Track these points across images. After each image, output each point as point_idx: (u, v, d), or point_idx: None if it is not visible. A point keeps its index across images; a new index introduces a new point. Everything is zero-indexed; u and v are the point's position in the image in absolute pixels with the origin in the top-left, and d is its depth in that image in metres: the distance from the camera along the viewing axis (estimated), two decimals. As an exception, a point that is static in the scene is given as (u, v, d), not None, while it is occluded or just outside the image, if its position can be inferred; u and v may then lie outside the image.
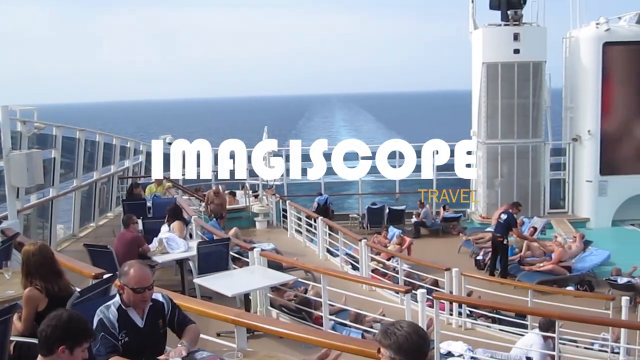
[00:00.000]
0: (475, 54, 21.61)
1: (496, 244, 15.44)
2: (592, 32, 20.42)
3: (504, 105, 20.74)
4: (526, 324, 10.34)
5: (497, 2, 21.07)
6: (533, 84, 20.69)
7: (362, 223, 20.91)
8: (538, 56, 20.76)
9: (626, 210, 20.78)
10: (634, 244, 19.09)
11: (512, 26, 20.64)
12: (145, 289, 4.32)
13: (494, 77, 20.68)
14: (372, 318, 9.60)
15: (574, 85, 21.34)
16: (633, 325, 9.07)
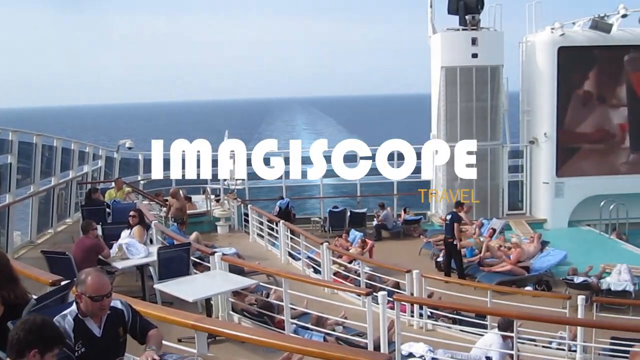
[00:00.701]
0: (434, 58, 21.82)
1: (447, 244, 15.71)
2: (548, 36, 20.80)
3: (463, 108, 21.00)
4: (486, 324, 10.45)
5: (455, 7, 21.30)
6: (491, 88, 20.99)
7: (323, 226, 20.95)
8: (495, 60, 21.06)
9: (582, 211, 21.21)
10: (590, 244, 19.49)
11: (470, 31, 20.88)
12: (104, 296, 4.22)
13: (453, 80, 20.93)
14: (334, 321, 9.64)
15: (531, 88, 21.71)
16: (589, 324, 9.25)
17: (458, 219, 15.91)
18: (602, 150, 21.66)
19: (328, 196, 23.32)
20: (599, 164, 21.57)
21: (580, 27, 21.16)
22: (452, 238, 15.59)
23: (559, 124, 21.13)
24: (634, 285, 14.13)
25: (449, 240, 15.68)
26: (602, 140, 21.65)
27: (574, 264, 15.47)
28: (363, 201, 22.83)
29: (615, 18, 20.65)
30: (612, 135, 21.68)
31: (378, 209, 21.03)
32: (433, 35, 21.97)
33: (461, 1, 21.04)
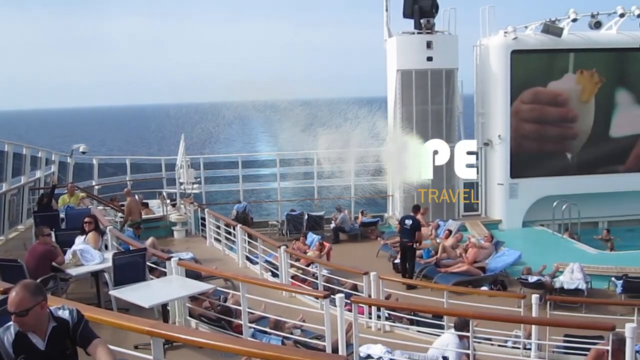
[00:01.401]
0: (390, 61, 21.95)
1: (405, 248, 15.83)
2: (501, 40, 21.11)
3: (419, 111, 21.16)
4: (443, 324, 10.56)
5: (411, 11, 21.44)
6: (446, 91, 21.20)
7: (281, 230, 20.89)
8: (450, 63, 21.28)
9: (536, 211, 21.58)
10: (543, 244, 19.86)
11: (425, 34, 21.04)
12: (12, 314, 3.99)
13: (408, 84, 21.08)
14: (292, 324, 9.63)
15: (485, 91, 22.00)
16: (543, 322, 9.40)
17: (419, 225, 16.07)
18: (554, 152, 22.05)
19: (285, 199, 23.28)
20: (551, 165, 21.95)
21: (532, 31, 21.51)
22: (411, 242, 15.70)
23: (513, 126, 21.45)
24: (586, 283, 14.50)
25: (408, 244, 15.78)
26: (554, 142, 22.03)
27: (529, 264, 15.75)
28: (321, 204, 22.85)
29: (566, 22, 21.07)
30: (563, 137, 22.09)
31: (335, 211, 21.09)
32: (389, 39, 22.09)
33: (416, 5, 21.19)
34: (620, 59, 21.82)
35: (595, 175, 22.00)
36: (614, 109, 22.18)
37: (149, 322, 5.14)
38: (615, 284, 14.68)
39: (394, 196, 22.31)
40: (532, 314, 9.73)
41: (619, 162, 22.33)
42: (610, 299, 14.61)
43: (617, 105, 22.13)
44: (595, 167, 22.16)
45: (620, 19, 21.18)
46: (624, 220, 22.64)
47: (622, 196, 22.02)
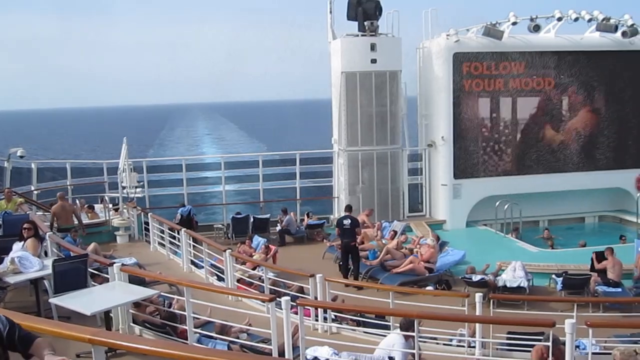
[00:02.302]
0: (334, 63, 22.03)
1: (349, 248, 15.89)
2: (443, 43, 21.38)
3: (363, 113, 21.28)
4: (389, 324, 10.61)
5: (354, 14, 21.57)
6: (390, 93, 21.36)
7: (226, 233, 20.71)
8: (394, 66, 21.45)
9: (479, 211, 21.96)
10: (487, 243, 20.21)
11: (369, 37, 21.16)
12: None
13: (353, 86, 21.18)
14: (239, 328, 9.54)
15: (428, 93, 22.27)
16: (486, 320, 9.55)
17: (358, 223, 16.17)
18: (496, 152, 22.47)
19: (231, 202, 23.10)
20: (493, 165, 22.36)
21: (473, 33, 21.84)
22: (353, 241, 15.78)
23: (456, 127, 21.77)
24: (528, 281, 14.80)
25: (351, 244, 15.84)
26: (496, 143, 22.46)
27: (472, 263, 16.01)
28: (266, 207, 22.77)
29: (506, 25, 21.47)
30: (506, 137, 22.54)
31: (281, 214, 21.03)
32: (333, 41, 22.17)
33: (360, 7, 21.33)
34: (558, 61, 22.35)
35: (536, 175, 22.51)
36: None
37: (90, 330, 4.99)
38: (556, 281, 15.01)
39: (340, 198, 22.37)
40: (476, 313, 9.86)
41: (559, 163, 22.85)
42: (551, 296, 14.98)
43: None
44: (536, 167, 22.64)
45: (558, 22, 21.69)
46: (563, 219, 23.25)
47: (561, 195, 22.62)
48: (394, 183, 21.87)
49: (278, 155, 28.11)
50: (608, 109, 22.98)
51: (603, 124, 23.03)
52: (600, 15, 21.80)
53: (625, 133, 23.29)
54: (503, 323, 9.54)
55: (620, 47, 22.37)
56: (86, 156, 58.81)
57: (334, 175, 22.89)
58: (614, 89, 22.86)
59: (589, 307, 13.52)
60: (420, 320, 9.08)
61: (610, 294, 14.35)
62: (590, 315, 12.13)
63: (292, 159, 23.11)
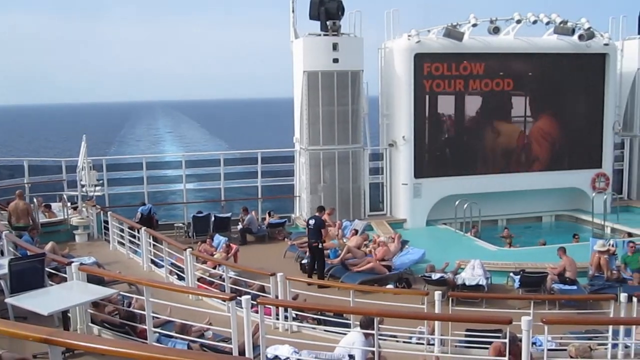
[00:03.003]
0: (296, 62, 22.02)
1: (312, 248, 15.94)
2: (405, 43, 21.54)
3: (325, 112, 21.33)
4: (349, 323, 10.68)
5: (317, 13, 21.57)
6: (352, 92, 21.45)
7: (187, 232, 20.60)
8: (356, 65, 21.53)
9: (438, 210, 22.18)
10: (446, 242, 20.47)
11: (331, 36, 21.20)
12: None
13: (315, 85, 21.21)
14: (199, 328, 9.50)
15: (389, 93, 22.41)
16: (444, 318, 9.68)
17: (323, 223, 16.23)
18: (455, 153, 22.74)
19: (192, 201, 22.95)
20: (453, 165, 22.63)
21: (435, 34, 22.04)
22: (317, 242, 15.83)
23: (416, 127, 21.95)
24: (487, 279, 15.02)
25: (313, 244, 15.89)
26: (456, 143, 22.75)
27: (432, 261, 16.18)
28: (227, 205, 22.68)
29: (466, 27, 21.73)
30: (466, 138, 22.84)
31: (242, 213, 20.98)
32: (295, 40, 22.17)
33: (322, 7, 21.34)
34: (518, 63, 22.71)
35: (494, 175, 22.84)
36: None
37: (46, 330, 4.93)
38: (514, 279, 15.29)
39: (301, 197, 22.40)
40: (435, 311, 9.97)
41: (517, 162, 23.22)
42: (509, 293, 15.23)
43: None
44: (494, 167, 22.97)
45: (517, 25, 22.02)
46: (521, 218, 23.65)
47: (519, 195, 23.00)
48: (355, 182, 21.97)
49: (239, 154, 28.04)
50: (565, 110, 23.42)
51: (560, 125, 23.46)
52: (558, 18, 22.22)
53: (580, 134, 23.76)
54: (461, 321, 9.69)
55: (576, 50, 22.83)
56: (45, 154, 57.86)
57: (296, 174, 22.91)
58: (571, 90, 23.30)
59: (545, 305, 13.82)
60: (380, 318, 9.17)
61: (566, 291, 14.66)
62: (546, 313, 12.38)
63: (253, 158, 23.05)
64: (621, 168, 25.25)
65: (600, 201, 22.11)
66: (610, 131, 23.94)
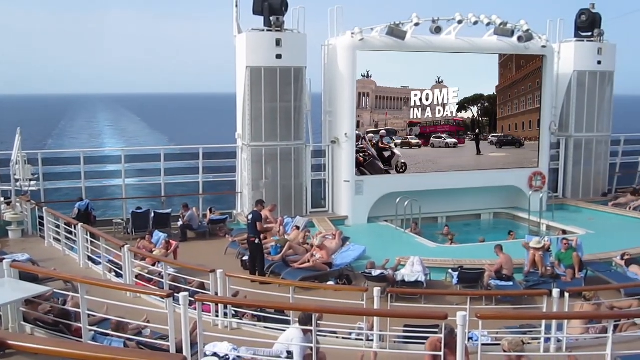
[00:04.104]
0: (239, 57, 21.86)
1: (249, 244, 15.87)
2: (348, 40, 21.62)
3: (268, 108, 21.24)
4: (289, 319, 10.69)
5: (260, 8, 21.45)
6: (295, 89, 21.43)
7: (126, 228, 20.25)
8: (299, 62, 21.50)
9: (380, 208, 22.35)
10: (387, 239, 20.67)
11: (275, 32, 21.11)
12: None
13: (258, 81, 21.10)
14: (136, 326, 9.36)
15: (332, 90, 22.46)
16: (383, 314, 9.76)
17: (259, 218, 16.12)
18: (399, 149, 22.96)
19: (131, 197, 22.57)
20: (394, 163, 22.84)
21: (378, 32, 22.17)
22: (254, 237, 15.75)
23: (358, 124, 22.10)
24: (426, 275, 15.24)
25: (251, 239, 15.82)
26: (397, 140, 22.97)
27: (373, 258, 16.34)
28: (168, 201, 22.39)
29: (409, 26, 21.92)
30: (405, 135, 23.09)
31: (182, 209, 20.75)
32: (238, 35, 22.01)
33: (266, 2, 21.24)
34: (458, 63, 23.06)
35: (435, 173, 23.15)
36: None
37: (-26, 329, 4.79)
38: (452, 276, 15.55)
39: (243, 193, 22.28)
40: (374, 307, 10.05)
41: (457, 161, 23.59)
42: (447, 289, 15.48)
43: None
44: (435, 165, 23.27)
45: (459, 25, 22.36)
46: (460, 216, 24.07)
47: (459, 193, 23.38)
48: (298, 179, 21.96)
49: (180, 149, 27.73)
50: (502, 110, 23.91)
51: (497, 124, 23.95)
52: (498, 20, 22.66)
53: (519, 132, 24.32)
54: (399, 316, 9.80)
55: (516, 51, 23.34)
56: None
57: (238, 170, 22.77)
58: (509, 90, 23.80)
59: (482, 300, 14.08)
60: (320, 314, 9.20)
61: (502, 287, 14.98)
62: (483, 308, 12.63)
63: (195, 153, 22.81)
64: (557, 167, 25.92)
65: (536, 199, 22.69)
66: (547, 131, 24.58)
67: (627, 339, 10.22)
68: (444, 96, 23.31)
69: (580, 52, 25.20)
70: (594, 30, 25.16)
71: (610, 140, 26.44)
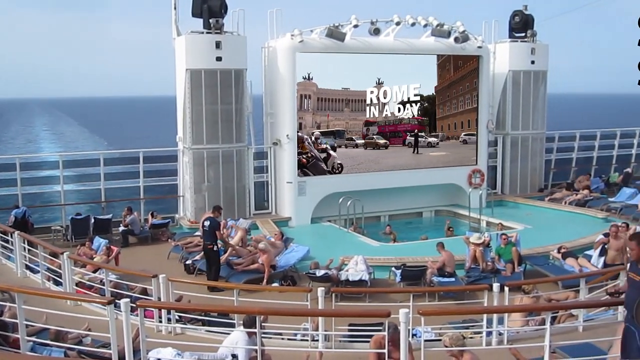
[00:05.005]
0: (179, 60, 21.65)
1: (206, 251, 15.70)
2: (287, 42, 21.64)
3: (208, 111, 21.09)
4: (234, 322, 10.66)
5: (199, 10, 21.28)
6: (235, 91, 21.33)
7: (66, 235, 19.86)
8: (239, 64, 21.41)
9: (323, 208, 22.46)
10: (330, 238, 20.77)
11: (214, 34, 20.97)
12: None
13: (198, 83, 20.93)
14: (76, 334, 9.21)
15: (273, 92, 22.45)
16: (327, 313, 9.84)
17: (218, 226, 15.99)
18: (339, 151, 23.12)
19: (70, 203, 22.05)
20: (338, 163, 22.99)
21: (317, 34, 22.26)
22: (212, 244, 15.55)
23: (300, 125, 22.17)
24: (369, 274, 15.38)
25: (208, 246, 15.59)
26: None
27: (317, 258, 16.43)
28: (108, 207, 22.01)
29: (348, 28, 22.08)
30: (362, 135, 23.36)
31: (126, 210, 20.45)
32: (177, 38, 21.80)
33: (205, 5, 21.09)
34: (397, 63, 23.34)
35: (377, 173, 23.38)
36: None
37: None
38: (395, 274, 15.73)
39: (185, 197, 22.09)
40: (319, 307, 10.11)
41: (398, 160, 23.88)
42: (390, 287, 15.67)
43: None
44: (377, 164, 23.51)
45: (397, 26, 22.64)
46: (403, 214, 24.39)
47: (401, 192, 23.68)
48: (240, 181, 21.89)
49: (120, 154, 27.23)
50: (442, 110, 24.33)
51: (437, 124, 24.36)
52: (435, 21, 23.04)
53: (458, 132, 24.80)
54: (342, 315, 9.90)
55: (452, 52, 23.78)
56: None
57: (179, 173, 22.57)
58: (448, 90, 24.24)
59: (425, 297, 14.32)
60: (265, 316, 9.21)
61: (445, 283, 15.25)
62: (426, 305, 12.85)
63: (135, 157, 22.44)
64: (495, 164, 26.49)
65: (476, 196, 23.16)
66: (484, 129, 25.12)
67: (565, 329, 10.54)
68: (404, 92, 23.70)
69: (514, 52, 25.83)
70: (527, 31, 25.82)
71: (545, 138, 27.15)
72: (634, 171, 28.65)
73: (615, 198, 24.28)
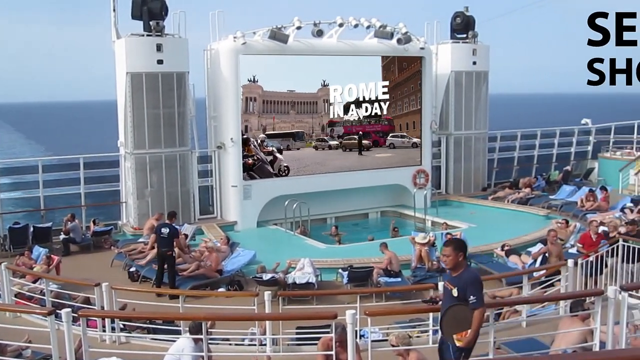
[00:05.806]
0: (119, 63, 21.26)
1: (165, 257, 15.34)
2: (230, 45, 21.44)
3: (150, 115, 20.75)
4: (180, 329, 10.48)
5: (139, 12, 20.91)
6: (178, 94, 21.04)
7: (3, 245, 19.27)
8: (181, 67, 21.16)
9: (269, 211, 22.35)
10: (277, 242, 20.72)
11: (155, 37, 20.66)
12: None
13: (139, 87, 20.58)
14: (16, 347, 8.94)
15: (217, 95, 22.23)
16: (272, 317, 9.77)
17: (177, 232, 15.73)
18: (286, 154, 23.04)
19: (7, 212, 21.39)
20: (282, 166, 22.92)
21: (260, 36, 22.15)
22: (170, 251, 15.24)
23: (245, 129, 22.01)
24: (316, 276, 15.38)
25: (167, 253, 15.26)
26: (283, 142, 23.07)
27: (263, 262, 16.29)
28: (48, 215, 21.43)
29: (291, 29, 22.04)
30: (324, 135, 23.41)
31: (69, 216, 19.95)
32: (117, 40, 21.41)
33: (145, 7, 20.74)
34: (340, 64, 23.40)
35: (321, 175, 23.37)
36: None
37: None
38: (342, 275, 15.75)
39: (128, 203, 21.68)
40: (265, 311, 10.03)
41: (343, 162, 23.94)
42: (337, 289, 15.66)
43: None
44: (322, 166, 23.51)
45: (340, 28, 22.70)
46: (349, 215, 24.45)
47: (346, 193, 23.74)
48: (184, 185, 21.60)
49: (59, 160, 26.53)
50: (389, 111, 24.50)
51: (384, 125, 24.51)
52: (377, 22, 23.18)
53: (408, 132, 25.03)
54: (288, 319, 9.86)
55: (396, 53, 23.96)
56: None
57: (121, 179, 22.14)
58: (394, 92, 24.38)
59: (373, 298, 14.35)
60: (211, 322, 9.08)
61: (391, 283, 15.33)
62: (373, 305, 12.87)
63: (75, 164, 21.91)
64: (439, 165, 26.81)
65: (420, 196, 23.41)
66: (428, 130, 25.39)
67: (509, 325, 10.71)
68: (371, 90, 23.80)
69: (456, 53, 26.17)
70: (469, 32, 26.22)
71: (487, 137, 27.61)
72: (574, 169, 29.45)
73: (556, 195, 24.87)
